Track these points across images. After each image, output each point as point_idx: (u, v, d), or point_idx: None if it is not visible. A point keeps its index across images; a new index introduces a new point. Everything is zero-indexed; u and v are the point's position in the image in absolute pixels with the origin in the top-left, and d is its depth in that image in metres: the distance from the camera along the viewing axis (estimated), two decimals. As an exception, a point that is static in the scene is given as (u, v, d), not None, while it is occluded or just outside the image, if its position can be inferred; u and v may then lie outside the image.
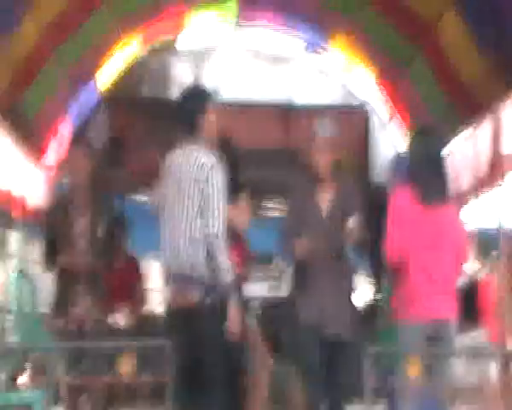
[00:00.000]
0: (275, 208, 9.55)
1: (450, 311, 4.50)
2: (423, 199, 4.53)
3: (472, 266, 8.19)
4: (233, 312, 4.41)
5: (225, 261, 4.38)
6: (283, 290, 7.81)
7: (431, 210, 4.52)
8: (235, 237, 5.02)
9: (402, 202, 4.61)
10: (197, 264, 4.39)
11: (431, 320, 4.41)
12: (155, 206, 4.76)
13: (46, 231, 5.57)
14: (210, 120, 4.71)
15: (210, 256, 4.39)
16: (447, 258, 4.54)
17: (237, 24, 9.55)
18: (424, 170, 4.59)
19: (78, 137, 6.05)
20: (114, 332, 5.66)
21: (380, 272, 5.75)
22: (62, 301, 5.30)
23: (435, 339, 4.38)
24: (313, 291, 4.86)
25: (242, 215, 5.10)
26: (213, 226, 4.40)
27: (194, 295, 4.36)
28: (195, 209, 4.43)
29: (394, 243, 4.55)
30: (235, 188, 5.09)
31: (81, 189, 5.43)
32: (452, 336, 4.45)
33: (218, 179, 4.48)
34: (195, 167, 4.48)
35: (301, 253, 4.88)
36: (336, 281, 4.87)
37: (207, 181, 4.45)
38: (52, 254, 5.40)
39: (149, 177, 9.12)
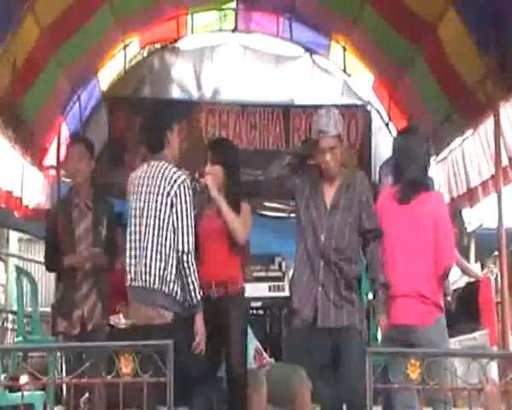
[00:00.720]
0: (275, 209, 9.54)
1: (424, 315, 4.37)
2: (399, 197, 4.49)
3: (472, 267, 8.19)
4: (200, 327, 4.48)
5: (195, 281, 4.41)
6: (286, 290, 7.79)
7: (406, 208, 4.45)
8: (235, 243, 5.01)
9: (380, 202, 4.62)
10: (168, 279, 4.39)
11: (399, 326, 4.35)
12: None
13: (49, 232, 5.56)
14: (176, 138, 4.76)
15: (179, 273, 4.40)
16: (422, 259, 4.41)
17: (237, 24, 9.57)
18: (402, 168, 4.56)
19: (79, 138, 6.03)
20: (115, 333, 5.65)
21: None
22: (66, 303, 5.29)
23: (408, 345, 4.27)
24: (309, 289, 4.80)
25: (243, 227, 5.06)
26: (187, 243, 4.40)
27: (165, 312, 4.37)
28: (165, 224, 4.42)
29: None
30: (235, 193, 5.08)
31: (84, 190, 5.42)
32: (424, 342, 4.28)
33: (187, 195, 4.50)
34: (165, 182, 4.49)
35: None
36: (335, 277, 4.74)
37: (179, 196, 4.46)
38: (55, 255, 5.39)
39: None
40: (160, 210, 4.44)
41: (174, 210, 4.43)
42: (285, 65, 9.59)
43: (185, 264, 4.39)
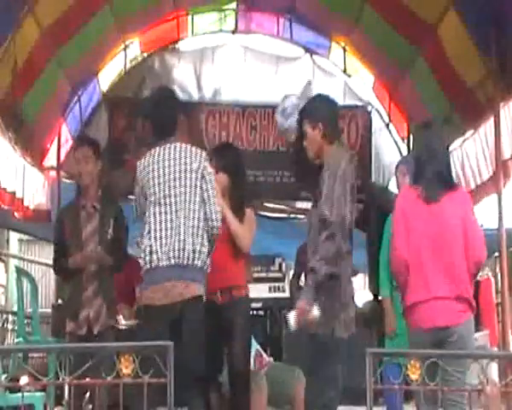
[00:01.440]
0: (275, 209, 9.55)
1: (454, 316, 4.19)
2: (425, 196, 4.28)
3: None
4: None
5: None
6: (286, 291, 7.80)
7: (433, 208, 4.26)
8: (239, 249, 5.00)
9: (403, 203, 4.40)
10: (203, 252, 4.46)
11: (433, 328, 4.16)
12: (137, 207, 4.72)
13: (56, 235, 5.53)
14: (183, 121, 4.90)
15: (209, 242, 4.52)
16: (453, 257, 4.22)
17: (237, 25, 9.57)
18: (427, 166, 4.34)
19: (85, 139, 6.00)
20: (116, 333, 5.64)
21: (378, 271, 5.68)
22: (72, 304, 5.28)
23: (441, 346, 4.11)
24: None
25: (248, 235, 5.05)
26: (216, 213, 4.55)
27: (199, 286, 4.44)
28: (198, 198, 4.51)
29: (398, 252, 4.33)
30: (240, 199, 5.05)
31: (91, 191, 5.40)
32: (460, 342, 4.13)
33: (211, 171, 4.63)
34: (191, 158, 4.57)
35: None
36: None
37: (206, 170, 4.58)
38: (63, 258, 5.37)
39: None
40: (192, 185, 4.52)
41: (204, 183, 4.54)
42: (285, 66, 9.59)
43: (215, 234, 4.56)
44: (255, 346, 5.79)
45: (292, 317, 4.24)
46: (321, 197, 4.30)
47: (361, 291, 10.96)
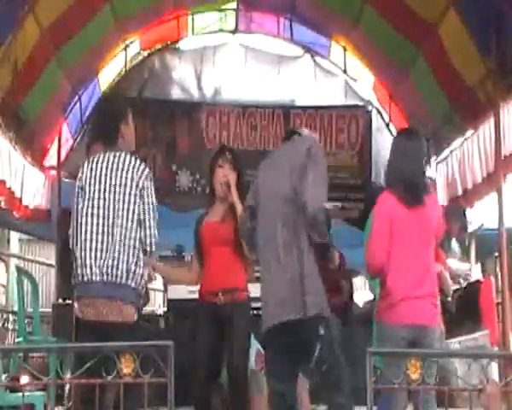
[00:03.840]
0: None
1: (431, 316, 4.38)
2: (405, 201, 4.44)
3: (473, 267, 8.20)
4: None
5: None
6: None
7: (413, 212, 4.42)
8: (241, 250, 5.00)
9: (384, 203, 4.53)
10: (136, 273, 4.25)
11: (410, 326, 4.31)
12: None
13: (61, 235, 5.52)
14: (131, 130, 4.58)
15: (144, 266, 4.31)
16: (429, 259, 4.42)
17: (238, 25, 9.58)
18: (407, 172, 4.49)
19: (95, 139, 5.97)
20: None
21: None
22: None
23: (415, 345, 4.27)
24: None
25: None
26: (150, 245, 4.30)
27: (130, 310, 4.22)
28: (134, 216, 4.28)
29: (375, 251, 4.45)
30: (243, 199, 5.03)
31: None
32: (433, 342, 4.32)
33: (153, 188, 4.38)
34: (133, 173, 4.32)
35: None
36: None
37: (147, 189, 4.33)
38: (68, 258, 5.35)
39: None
40: (129, 202, 4.28)
41: (142, 202, 4.29)
42: (286, 65, 9.60)
43: (149, 256, 4.35)
44: (256, 345, 5.79)
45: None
46: None
47: (361, 291, 10.97)
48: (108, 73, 9.26)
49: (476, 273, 9.87)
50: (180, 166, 9.18)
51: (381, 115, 9.53)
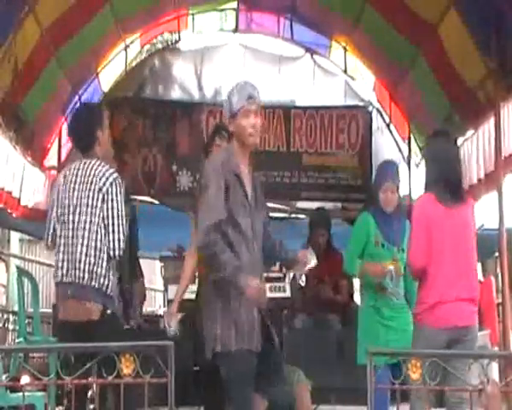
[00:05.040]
0: (275, 209, 9.54)
1: (471, 317, 4.45)
2: (444, 201, 4.47)
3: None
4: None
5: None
6: (287, 291, 7.78)
7: (452, 212, 4.46)
8: None
9: (424, 205, 4.56)
10: (98, 273, 4.44)
11: (454, 327, 4.36)
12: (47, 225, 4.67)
13: None
14: (107, 136, 4.74)
15: (110, 267, 4.48)
16: (470, 261, 4.48)
17: (238, 25, 9.58)
18: (443, 173, 4.54)
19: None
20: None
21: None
22: None
23: (457, 345, 4.35)
24: None
25: None
26: (117, 241, 4.48)
27: (94, 308, 4.41)
28: (96, 219, 4.47)
29: (419, 251, 4.48)
30: None
31: None
32: (473, 341, 4.41)
33: (119, 193, 4.53)
34: (96, 178, 4.52)
35: None
36: None
37: (110, 193, 4.50)
38: None
39: (150, 177, 9.21)
40: (92, 205, 4.48)
41: (105, 207, 4.47)
42: (286, 65, 9.59)
43: (114, 259, 4.50)
44: None
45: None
46: None
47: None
48: (109, 73, 9.26)
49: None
50: (180, 167, 9.18)
51: (382, 115, 9.53)
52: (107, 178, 4.51)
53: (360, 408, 4.18)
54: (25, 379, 4.96)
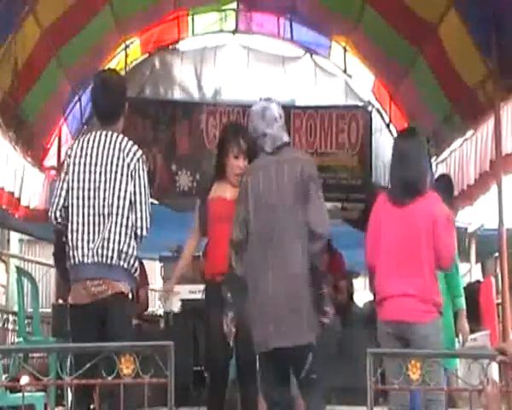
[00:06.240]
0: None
1: (418, 314, 4.39)
2: (393, 199, 4.52)
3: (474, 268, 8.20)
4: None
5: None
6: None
7: (402, 210, 4.47)
8: None
9: (377, 204, 4.63)
10: (129, 254, 4.15)
11: (394, 321, 4.40)
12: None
13: (58, 237, 5.50)
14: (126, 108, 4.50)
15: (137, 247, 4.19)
16: (420, 258, 4.42)
17: (238, 25, 9.58)
18: (397, 171, 4.57)
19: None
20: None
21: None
22: None
23: (404, 341, 4.37)
24: None
25: None
26: (142, 228, 4.19)
27: (124, 289, 4.13)
28: (125, 196, 4.14)
29: (367, 245, 4.60)
30: None
31: None
32: (422, 341, 4.31)
33: (145, 171, 4.26)
34: (124, 153, 4.21)
35: None
36: None
37: (138, 170, 4.20)
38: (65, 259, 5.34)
39: (150, 177, 9.20)
40: (120, 181, 4.14)
41: (133, 184, 4.16)
42: (286, 66, 9.60)
43: (142, 240, 4.23)
44: None
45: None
46: None
47: (361, 292, 10.98)
48: (108, 74, 9.25)
49: (476, 273, 9.89)
50: (180, 167, 9.18)
51: (381, 115, 9.53)
52: (135, 154, 4.22)
53: (360, 408, 4.17)
54: (24, 379, 4.96)
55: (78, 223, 4.15)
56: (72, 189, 4.19)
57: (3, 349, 5.36)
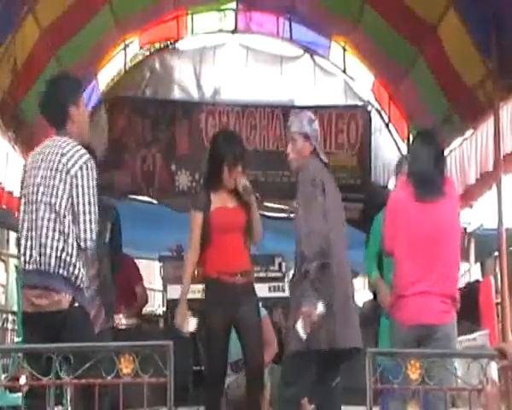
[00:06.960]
0: (275, 209, 9.55)
1: (439, 314, 4.38)
2: (419, 196, 4.49)
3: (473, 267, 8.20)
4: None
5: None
6: (286, 291, 7.79)
7: (427, 207, 4.46)
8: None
9: (398, 197, 4.61)
10: (67, 262, 3.96)
11: (420, 324, 4.33)
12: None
13: None
14: (84, 113, 4.30)
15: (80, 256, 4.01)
16: (444, 257, 4.42)
17: (237, 25, 9.59)
18: (422, 169, 4.56)
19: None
20: (115, 333, 5.65)
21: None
22: None
23: (426, 343, 4.31)
24: None
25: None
26: (85, 240, 4.01)
27: (63, 299, 3.94)
28: (64, 202, 3.99)
29: (386, 235, 4.58)
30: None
31: None
32: (445, 340, 4.32)
33: (90, 177, 4.05)
34: (64, 158, 4.04)
35: None
36: None
37: (80, 178, 4.02)
38: None
39: (149, 177, 9.21)
40: (57, 187, 3.99)
41: (74, 193, 3.99)
42: (285, 65, 9.60)
43: (87, 252, 4.04)
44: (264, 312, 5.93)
45: (300, 326, 4.32)
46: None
47: (361, 291, 10.97)
48: (108, 73, 9.26)
49: (475, 273, 9.89)
50: (179, 167, 9.18)
51: (381, 115, 9.54)
52: (76, 161, 4.02)
53: (360, 408, 4.18)
54: (24, 379, 4.96)
55: (23, 228, 4.08)
56: (21, 197, 4.15)
57: (3, 349, 5.36)
